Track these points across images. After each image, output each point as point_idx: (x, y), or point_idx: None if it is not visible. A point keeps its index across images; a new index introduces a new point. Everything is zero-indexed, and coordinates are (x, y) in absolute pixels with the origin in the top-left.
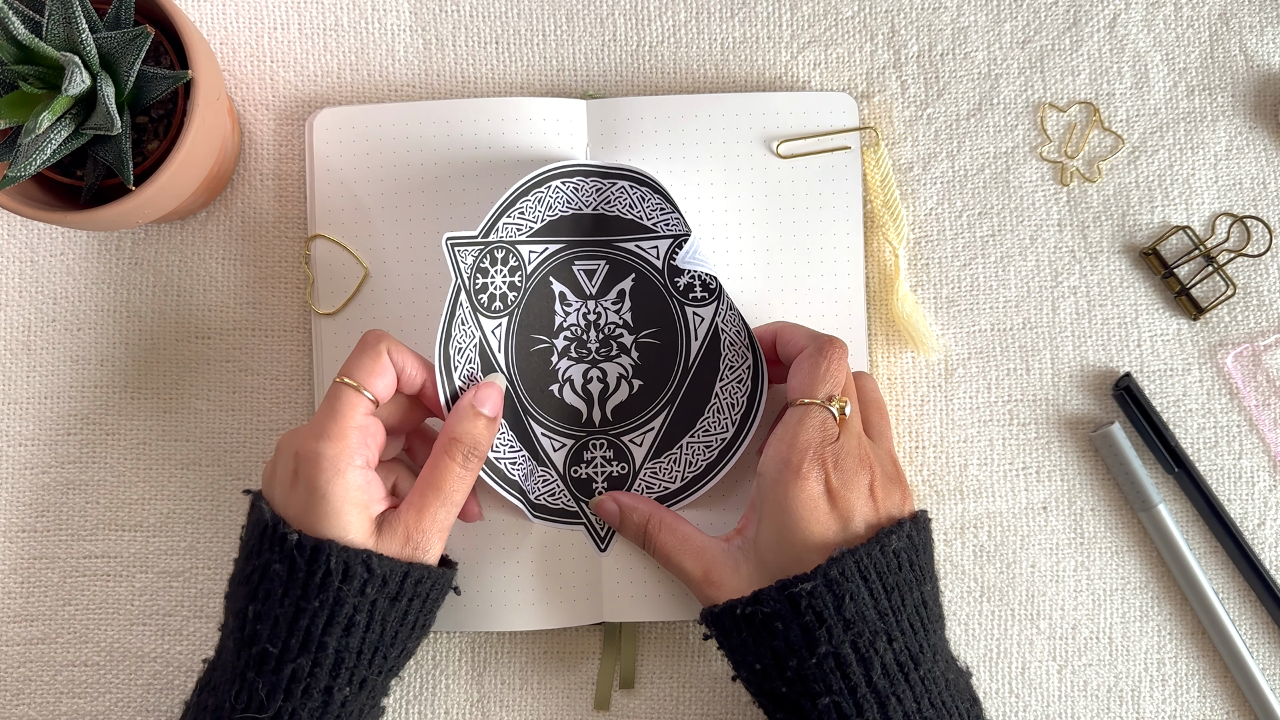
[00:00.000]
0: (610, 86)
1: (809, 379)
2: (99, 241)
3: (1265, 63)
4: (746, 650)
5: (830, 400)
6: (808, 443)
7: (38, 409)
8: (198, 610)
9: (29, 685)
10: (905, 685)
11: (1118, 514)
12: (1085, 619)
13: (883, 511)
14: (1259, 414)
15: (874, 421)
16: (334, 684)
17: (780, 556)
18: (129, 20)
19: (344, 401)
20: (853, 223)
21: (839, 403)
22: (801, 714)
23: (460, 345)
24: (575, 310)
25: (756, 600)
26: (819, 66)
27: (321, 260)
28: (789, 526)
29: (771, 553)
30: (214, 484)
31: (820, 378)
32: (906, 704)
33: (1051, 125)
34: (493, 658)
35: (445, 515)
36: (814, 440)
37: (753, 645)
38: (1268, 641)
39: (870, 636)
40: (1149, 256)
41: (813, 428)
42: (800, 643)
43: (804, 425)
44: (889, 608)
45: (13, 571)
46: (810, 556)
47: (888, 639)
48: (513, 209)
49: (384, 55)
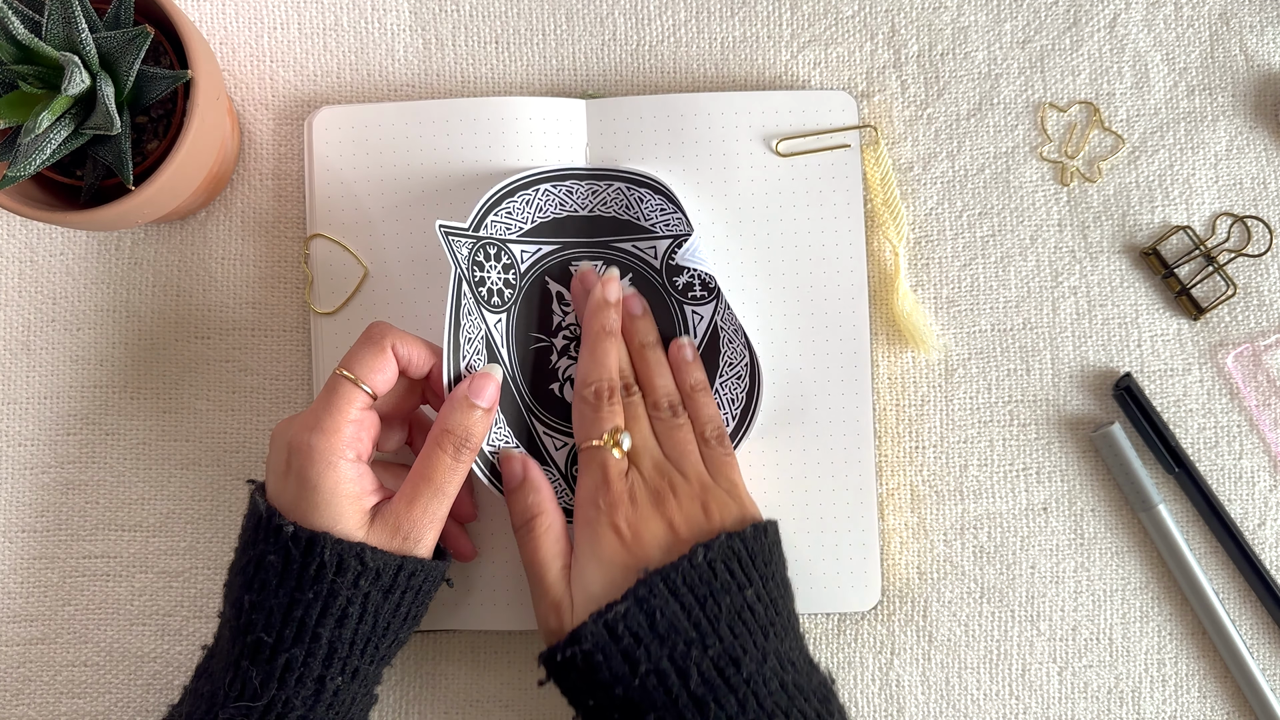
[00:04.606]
0: (610, 86)
1: (579, 422)
2: (99, 241)
3: (1265, 63)
4: (578, 690)
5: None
6: (590, 489)
7: (38, 409)
8: (197, 610)
9: (29, 685)
10: (727, 690)
11: (1118, 514)
12: (1085, 620)
13: (716, 522)
14: (1259, 414)
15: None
16: (327, 673)
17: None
18: (129, 20)
19: (341, 395)
20: (853, 221)
21: (609, 440)
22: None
23: (469, 335)
24: (573, 310)
25: (575, 640)
26: (819, 66)
27: (321, 260)
28: (592, 566)
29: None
30: (214, 484)
31: (591, 422)
32: (728, 707)
33: (1052, 125)
34: (493, 658)
35: (437, 506)
36: (597, 483)
37: (581, 684)
38: (1268, 641)
39: (685, 647)
40: (1149, 256)
41: (594, 473)
42: (622, 668)
43: (586, 471)
44: (703, 616)
45: (13, 571)
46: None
47: (703, 647)
48: (498, 208)
49: (384, 55)
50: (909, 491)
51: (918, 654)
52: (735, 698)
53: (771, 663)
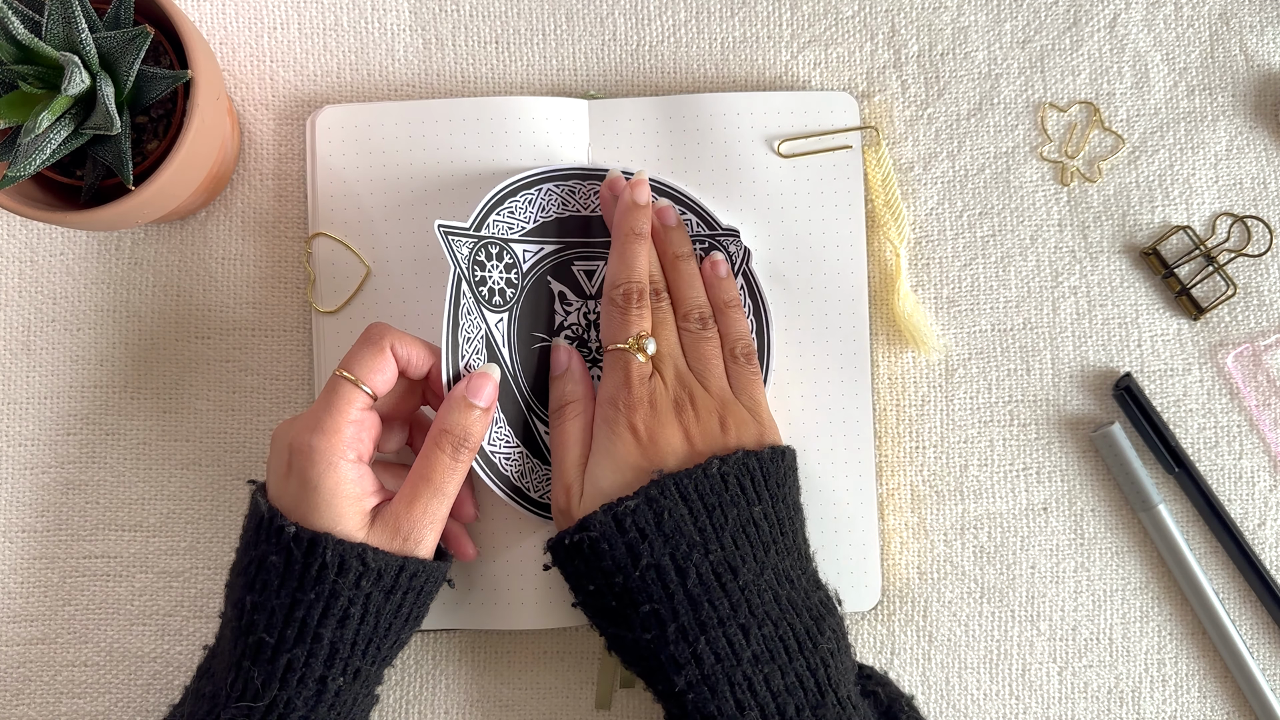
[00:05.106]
0: (610, 86)
1: (606, 324)
2: (99, 241)
3: (1265, 62)
4: (580, 575)
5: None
6: (611, 389)
7: (38, 409)
8: (198, 610)
9: (29, 685)
10: (721, 593)
11: (1118, 514)
12: (1085, 620)
13: (733, 439)
14: (1259, 414)
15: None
16: (328, 674)
17: (606, 486)
18: (129, 20)
19: (341, 396)
20: (854, 222)
21: (634, 344)
22: (628, 625)
23: (469, 335)
24: (576, 310)
25: (584, 527)
26: (819, 66)
27: (323, 258)
28: (606, 463)
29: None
30: (214, 484)
31: (618, 324)
32: (721, 610)
33: (1052, 125)
34: (493, 657)
35: (437, 506)
36: (618, 385)
37: (584, 570)
38: (1268, 641)
39: (687, 549)
40: (1149, 256)
41: (616, 374)
42: (625, 559)
43: (609, 373)
44: (709, 523)
45: (13, 571)
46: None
47: (704, 551)
48: (500, 207)
49: (384, 55)
50: (909, 491)
51: (918, 654)
52: (729, 601)
53: (768, 576)
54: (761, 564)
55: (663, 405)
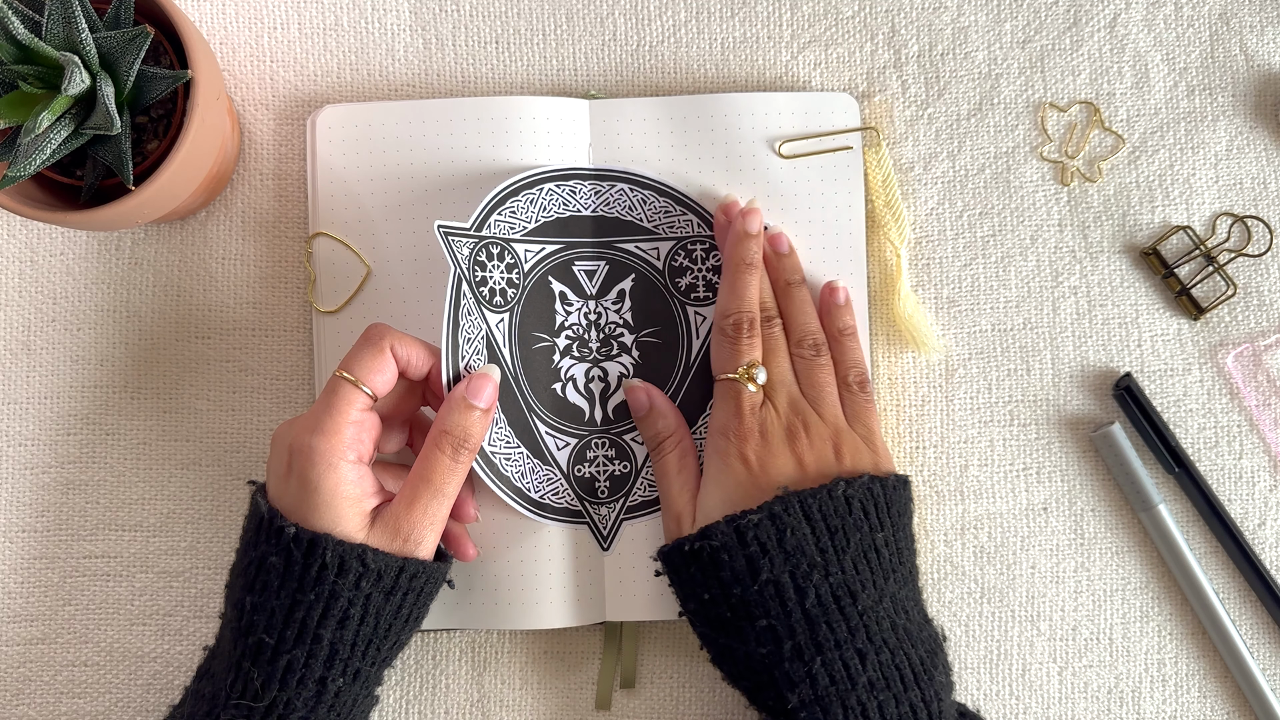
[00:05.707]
0: (610, 86)
1: (717, 354)
2: (99, 241)
3: (1265, 62)
4: (695, 583)
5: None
6: (722, 420)
7: (38, 409)
8: (198, 610)
9: (29, 685)
10: (839, 616)
11: (1118, 514)
12: (1085, 620)
13: (848, 466)
14: (1259, 414)
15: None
16: (328, 675)
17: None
18: (129, 20)
19: (341, 397)
20: (855, 222)
21: (744, 374)
22: (741, 637)
23: (469, 335)
24: (576, 310)
25: (705, 535)
26: (819, 66)
27: (323, 258)
28: (716, 492)
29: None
30: (214, 484)
31: (728, 354)
32: (838, 632)
33: (1052, 125)
34: (493, 658)
35: (437, 507)
36: (729, 415)
37: (700, 578)
38: (1268, 641)
39: (808, 569)
40: (1149, 256)
41: (728, 404)
42: (744, 571)
43: (720, 403)
44: (830, 545)
45: (13, 571)
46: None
47: (825, 573)
48: (502, 207)
49: (384, 55)
50: None
51: None
52: (846, 625)
53: (887, 604)
54: (881, 591)
55: (774, 434)
